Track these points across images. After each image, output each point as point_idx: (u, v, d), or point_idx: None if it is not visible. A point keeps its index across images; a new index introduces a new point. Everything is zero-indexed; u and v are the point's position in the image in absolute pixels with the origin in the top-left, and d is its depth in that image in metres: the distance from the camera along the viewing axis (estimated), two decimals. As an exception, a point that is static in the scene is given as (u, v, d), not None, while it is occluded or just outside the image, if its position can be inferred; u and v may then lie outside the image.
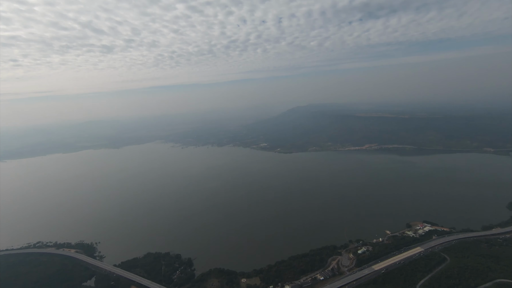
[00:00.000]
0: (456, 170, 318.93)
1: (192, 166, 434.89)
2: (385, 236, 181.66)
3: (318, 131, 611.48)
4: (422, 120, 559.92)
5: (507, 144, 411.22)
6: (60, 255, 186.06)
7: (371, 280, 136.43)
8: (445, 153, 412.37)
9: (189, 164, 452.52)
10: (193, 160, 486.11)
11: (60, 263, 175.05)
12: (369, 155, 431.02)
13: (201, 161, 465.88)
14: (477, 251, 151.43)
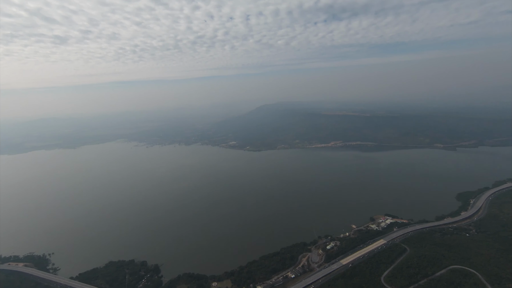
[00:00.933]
0: (411, 165, 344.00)
1: (158, 166, 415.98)
2: (351, 231, 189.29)
3: (286, 129, 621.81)
4: (381, 119, 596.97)
5: (454, 140, 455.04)
6: (5, 270, 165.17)
7: (340, 274, 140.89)
8: (402, 149, 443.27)
9: (155, 164, 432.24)
10: (159, 159, 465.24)
11: (6, 280, 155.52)
12: (335, 152, 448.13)
13: (168, 161, 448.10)
14: (432, 240, 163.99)
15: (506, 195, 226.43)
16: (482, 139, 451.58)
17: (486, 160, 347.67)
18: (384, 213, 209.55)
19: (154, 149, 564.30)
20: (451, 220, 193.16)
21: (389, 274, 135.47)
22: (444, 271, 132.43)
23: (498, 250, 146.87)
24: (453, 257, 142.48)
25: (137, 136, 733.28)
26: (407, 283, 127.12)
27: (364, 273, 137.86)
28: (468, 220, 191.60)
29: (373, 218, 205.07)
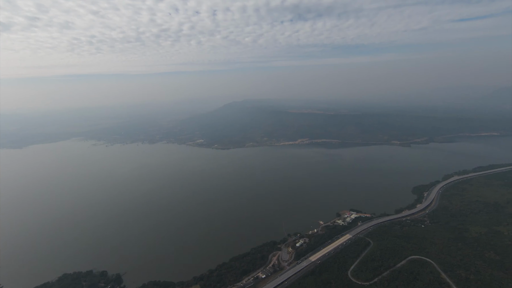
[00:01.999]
0: (372, 161, 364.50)
1: (119, 166, 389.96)
2: (319, 227, 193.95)
3: (254, 126, 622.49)
4: (344, 117, 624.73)
5: (409, 137, 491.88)
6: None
7: (309, 271, 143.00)
8: (363, 146, 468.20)
9: (116, 164, 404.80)
10: (121, 159, 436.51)
11: None
12: (302, 149, 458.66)
13: (131, 160, 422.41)
14: (393, 233, 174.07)
15: (453, 187, 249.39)
16: (432, 136, 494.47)
17: (436, 156, 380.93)
18: (349, 208, 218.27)
19: (115, 149, 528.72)
20: (408, 212, 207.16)
21: (355, 268, 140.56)
22: (404, 262, 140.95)
23: (449, 239, 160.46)
24: (412, 248, 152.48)
25: (94, 134, 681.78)
26: (371, 275, 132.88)
27: (332, 269, 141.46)
28: (423, 212, 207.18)
29: (339, 213, 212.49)
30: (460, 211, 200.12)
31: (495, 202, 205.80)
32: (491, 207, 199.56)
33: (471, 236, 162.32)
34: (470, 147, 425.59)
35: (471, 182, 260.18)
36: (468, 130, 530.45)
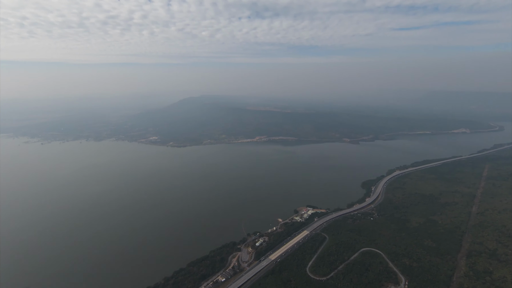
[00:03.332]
0: (326, 158, 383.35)
1: (58, 167, 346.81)
2: (278, 224, 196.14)
3: (212, 123, 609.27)
4: (300, 115, 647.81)
5: (357, 135, 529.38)
6: None
7: (270, 271, 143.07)
8: (317, 143, 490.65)
9: (54, 164, 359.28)
10: (59, 159, 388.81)
11: None
12: (260, 146, 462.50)
13: (72, 160, 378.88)
14: (346, 226, 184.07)
15: (396, 181, 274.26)
16: (377, 134, 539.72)
17: (381, 152, 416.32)
18: (306, 205, 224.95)
19: (52, 147, 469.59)
20: (359, 206, 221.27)
21: (313, 264, 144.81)
22: (357, 254, 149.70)
23: (394, 230, 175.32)
24: (363, 240, 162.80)
25: (27, 130, 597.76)
26: (328, 270, 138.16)
27: (291, 267, 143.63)
28: (371, 205, 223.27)
29: (297, 210, 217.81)
30: (402, 203, 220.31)
31: (430, 194, 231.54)
32: (427, 199, 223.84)
33: (412, 226, 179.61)
34: (408, 144, 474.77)
35: (410, 176, 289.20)
36: (406, 128, 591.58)
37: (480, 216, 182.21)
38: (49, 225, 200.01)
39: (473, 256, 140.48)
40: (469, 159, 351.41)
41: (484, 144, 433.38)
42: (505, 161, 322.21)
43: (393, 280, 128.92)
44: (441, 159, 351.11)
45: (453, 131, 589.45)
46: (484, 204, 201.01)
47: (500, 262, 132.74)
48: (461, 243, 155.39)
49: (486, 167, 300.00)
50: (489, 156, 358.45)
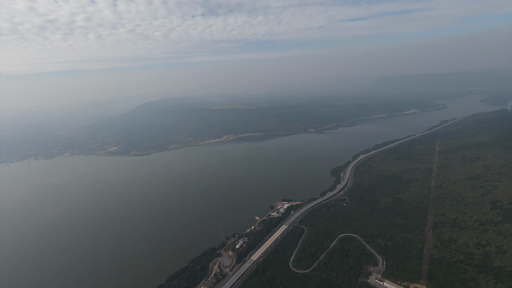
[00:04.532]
0: (294, 150, 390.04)
1: (5, 193, 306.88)
2: (256, 223, 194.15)
3: (176, 127, 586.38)
4: (265, 110, 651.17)
5: (321, 124, 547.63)
6: None
7: (253, 272, 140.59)
8: (284, 136, 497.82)
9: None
10: (5, 184, 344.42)
11: None
12: (228, 145, 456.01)
13: (21, 182, 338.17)
14: (322, 215, 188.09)
15: (362, 165, 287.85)
16: (339, 122, 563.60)
17: (345, 139, 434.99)
18: (281, 199, 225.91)
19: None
20: (331, 194, 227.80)
21: (295, 258, 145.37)
22: (336, 242, 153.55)
23: (366, 212, 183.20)
24: (339, 227, 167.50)
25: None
26: (310, 262, 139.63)
27: (274, 264, 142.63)
28: (342, 191, 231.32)
29: (272, 206, 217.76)
30: (370, 185, 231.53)
31: (394, 174, 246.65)
32: (391, 179, 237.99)
33: (382, 207, 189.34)
34: (368, 129, 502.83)
35: (373, 159, 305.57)
36: (364, 114, 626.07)
37: (439, 189, 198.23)
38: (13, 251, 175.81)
39: (438, 227, 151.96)
40: (422, 137, 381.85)
41: (432, 122, 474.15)
42: (452, 135, 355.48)
43: (372, 261, 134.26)
44: (398, 139, 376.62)
45: (405, 112, 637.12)
46: (440, 177, 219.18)
47: (461, 229, 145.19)
48: (426, 216, 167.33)
49: (437, 143, 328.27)
50: (438, 132, 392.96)
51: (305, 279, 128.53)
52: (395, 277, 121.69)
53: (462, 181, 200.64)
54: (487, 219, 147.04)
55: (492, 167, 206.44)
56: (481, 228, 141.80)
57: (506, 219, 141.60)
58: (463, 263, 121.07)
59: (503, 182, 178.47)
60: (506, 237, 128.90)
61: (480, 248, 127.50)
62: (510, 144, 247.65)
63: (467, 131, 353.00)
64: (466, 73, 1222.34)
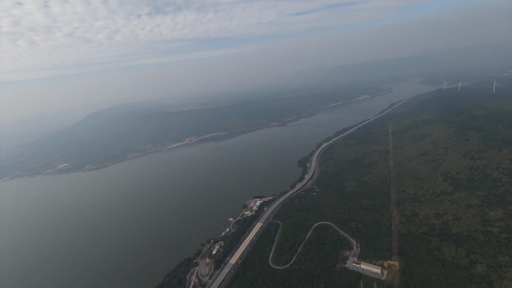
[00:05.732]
0: (259, 145, 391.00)
1: None
2: (230, 224, 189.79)
3: (133, 134, 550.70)
4: (226, 108, 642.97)
5: (283, 117, 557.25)
6: None
7: (233, 276, 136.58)
8: (248, 133, 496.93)
9: None
10: None
11: None
12: (192, 148, 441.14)
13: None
14: (294, 208, 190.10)
15: (326, 153, 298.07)
16: (299, 113, 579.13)
17: (306, 129, 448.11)
18: (253, 196, 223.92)
19: None
20: (300, 185, 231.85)
21: (274, 254, 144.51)
22: (311, 232, 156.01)
23: (336, 199, 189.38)
24: (313, 216, 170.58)
25: None
26: (289, 256, 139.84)
27: (254, 264, 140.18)
28: (311, 181, 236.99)
29: (245, 204, 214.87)
30: (335, 172, 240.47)
31: (356, 158, 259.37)
32: (354, 163, 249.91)
33: (349, 191, 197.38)
34: (326, 117, 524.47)
35: (335, 146, 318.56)
36: (322, 103, 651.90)
37: (397, 168, 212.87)
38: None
39: (401, 204, 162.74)
40: (375, 120, 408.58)
41: (383, 105, 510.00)
42: (401, 116, 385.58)
43: (347, 246, 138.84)
44: (355, 125, 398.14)
45: (357, 98, 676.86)
46: (397, 157, 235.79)
47: (421, 203, 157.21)
48: (390, 195, 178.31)
49: (389, 125, 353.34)
50: (389, 115, 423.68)
51: (286, 275, 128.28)
52: (370, 257, 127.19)
53: (416, 158, 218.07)
54: (441, 190, 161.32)
55: (439, 143, 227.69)
56: (437, 199, 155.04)
57: (457, 188, 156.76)
58: (426, 234, 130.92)
59: (450, 155, 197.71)
60: (459, 204, 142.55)
61: (439, 218, 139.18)
62: (451, 120, 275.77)
63: (413, 111, 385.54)
64: (405, 58, 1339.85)
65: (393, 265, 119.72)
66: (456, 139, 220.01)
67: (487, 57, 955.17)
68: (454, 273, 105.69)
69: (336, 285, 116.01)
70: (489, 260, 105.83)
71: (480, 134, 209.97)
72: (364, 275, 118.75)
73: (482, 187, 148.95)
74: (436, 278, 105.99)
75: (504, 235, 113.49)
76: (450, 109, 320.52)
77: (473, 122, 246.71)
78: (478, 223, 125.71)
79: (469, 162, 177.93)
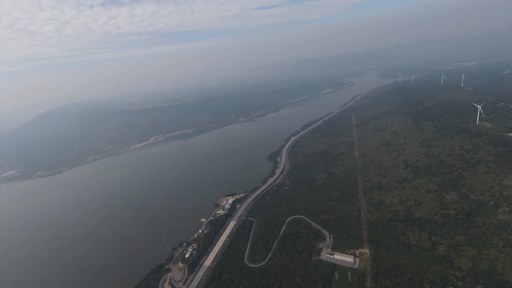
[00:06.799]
0: (229, 142, 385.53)
1: None
2: (203, 225, 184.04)
3: (91, 135, 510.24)
4: (192, 104, 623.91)
5: (251, 112, 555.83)
6: None
7: (209, 279, 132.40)
8: (216, 129, 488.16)
9: None
10: None
11: None
12: (158, 148, 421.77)
13: None
14: (267, 203, 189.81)
15: (295, 147, 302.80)
16: (267, 108, 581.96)
17: (274, 124, 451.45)
18: (224, 194, 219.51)
19: None
20: (272, 180, 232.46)
21: (249, 253, 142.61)
22: (285, 226, 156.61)
23: (307, 192, 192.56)
24: (286, 211, 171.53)
25: None
26: (265, 253, 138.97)
27: (230, 265, 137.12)
28: (282, 175, 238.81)
29: (217, 203, 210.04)
30: (305, 165, 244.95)
31: (323, 151, 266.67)
32: (322, 155, 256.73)
33: (319, 183, 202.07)
34: (293, 111, 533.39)
35: (304, 139, 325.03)
36: (288, 98, 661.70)
37: (362, 158, 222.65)
38: None
39: (368, 193, 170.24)
40: (340, 113, 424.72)
41: (345, 98, 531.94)
42: (363, 108, 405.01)
43: (320, 237, 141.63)
44: (321, 118, 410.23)
45: (322, 92, 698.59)
46: (361, 147, 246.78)
47: (386, 191, 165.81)
48: (357, 185, 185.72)
49: (353, 117, 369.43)
50: (352, 107, 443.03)
51: (263, 272, 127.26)
52: (343, 247, 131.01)
53: (379, 148, 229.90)
54: (403, 178, 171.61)
55: (399, 133, 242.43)
56: (400, 186, 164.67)
57: (417, 175, 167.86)
58: (392, 220, 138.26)
59: (409, 144, 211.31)
60: (419, 190, 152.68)
61: (402, 204, 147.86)
62: (407, 111, 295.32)
63: (374, 103, 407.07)
64: (364, 53, 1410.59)
65: (364, 253, 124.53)
66: (413, 129, 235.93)
67: (435, 52, 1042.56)
68: (419, 256, 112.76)
69: (312, 278, 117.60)
70: (448, 240, 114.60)
71: (434, 124, 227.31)
72: (338, 265, 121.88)
73: (438, 173, 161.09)
74: (404, 262, 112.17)
75: (460, 216, 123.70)
76: (406, 100, 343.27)
77: (427, 112, 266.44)
78: (437, 206, 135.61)
79: (426, 150, 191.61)
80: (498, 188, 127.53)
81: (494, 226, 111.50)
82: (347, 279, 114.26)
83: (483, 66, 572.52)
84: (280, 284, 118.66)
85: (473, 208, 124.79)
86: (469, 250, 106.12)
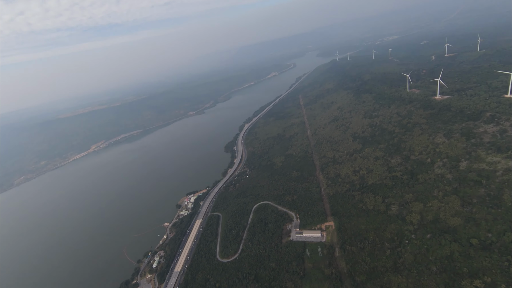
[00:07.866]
0: (181, 138, 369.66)
1: None
2: (167, 230, 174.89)
3: (17, 152, 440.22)
4: (135, 103, 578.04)
5: (200, 105, 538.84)
6: None
7: (183, 283, 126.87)
8: (166, 126, 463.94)
9: None
10: None
11: None
12: (101, 155, 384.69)
13: None
14: (231, 195, 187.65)
15: (249, 134, 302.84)
16: (216, 98, 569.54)
17: (226, 113, 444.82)
18: (185, 194, 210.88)
19: None
20: (232, 170, 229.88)
21: (220, 248, 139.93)
22: (252, 215, 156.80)
23: (268, 177, 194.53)
24: (250, 200, 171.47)
25: None
26: (236, 245, 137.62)
27: (202, 264, 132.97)
28: (241, 164, 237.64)
29: (179, 204, 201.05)
30: (262, 150, 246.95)
31: (278, 134, 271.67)
32: (277, 139, 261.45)
33: (278, 167, 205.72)
34: (243, 98, 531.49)
35: (257, 125, 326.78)
36: (235, 85, 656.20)
37: (315, 136, 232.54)
38: None
39: (325, 168, 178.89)
40: (287, 95, 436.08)
41: (290, 80, 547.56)
42: (308, 88, 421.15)
43: (288, 219, 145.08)
44: (270, 102, 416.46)
45: (267, 76, 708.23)
46: (312, 126, 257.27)
47: (339, 164, 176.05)
48: (314, 162, 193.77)
49: (300, 97, 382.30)
50: (298, 88, 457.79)
51: (237, 265, 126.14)
52: (310, 224, 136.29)
53: (328, 124, 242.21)
54: (353, 149, 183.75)
55: (343, 108, 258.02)
56: (351, 158, 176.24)
57: (365, 145, 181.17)
58: (350, 190, 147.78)
59: (354, 117, 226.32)
60: (369, 159, 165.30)
61: (356, 174, 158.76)
62: (348, 86, 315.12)
63: (317, 82, 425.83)
64: (301, 34, 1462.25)
65: (330, 226, 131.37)
66: (356, 102, 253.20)
67: (364, 29, 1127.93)
68: (377, 219, 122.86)
69: (286, 260, 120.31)
70: (399, 200, 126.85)
71: (372, 95, 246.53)
72: (308, 242, 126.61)
73: (382, 140, 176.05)
74: (365, 227, 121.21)
75: (405, 176, 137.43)
76: (346, 76, 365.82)
77: (365, 85, 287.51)
78: (385, 171, 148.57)
79: (369, 121, 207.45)
80: (432, 146, 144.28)
81: (433, 180, 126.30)
82: (317, 254, 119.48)
83: (404, 38, 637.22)
84: (256, 273, 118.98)
85: (414, 168, 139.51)
86: (416, 205, 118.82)
